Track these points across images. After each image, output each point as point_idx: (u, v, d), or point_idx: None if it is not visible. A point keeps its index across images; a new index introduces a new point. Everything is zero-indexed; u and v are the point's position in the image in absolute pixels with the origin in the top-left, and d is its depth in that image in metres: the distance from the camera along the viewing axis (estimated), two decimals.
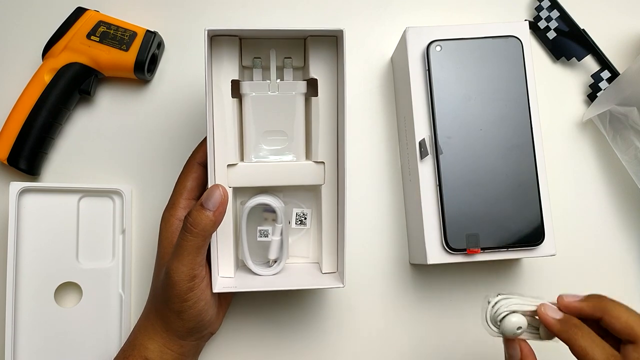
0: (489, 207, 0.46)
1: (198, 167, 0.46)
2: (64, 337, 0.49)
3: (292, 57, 0.45)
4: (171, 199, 0.46)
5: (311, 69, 0.44)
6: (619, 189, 0.54)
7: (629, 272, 0.53)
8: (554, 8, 0.54)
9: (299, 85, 0.45)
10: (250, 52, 0.45)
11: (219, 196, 0.41)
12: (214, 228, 0.41)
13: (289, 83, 0.45)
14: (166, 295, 0.42)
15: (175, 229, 0.45)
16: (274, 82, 0.44)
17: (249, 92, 0.44)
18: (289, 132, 0.45)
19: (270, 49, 0.44)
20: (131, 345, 0.44)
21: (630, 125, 0.50)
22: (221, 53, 0.43)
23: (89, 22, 0.51)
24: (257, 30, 0.43)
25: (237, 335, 0.51)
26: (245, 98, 0.45)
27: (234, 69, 0.44)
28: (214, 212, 0.40)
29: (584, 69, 0.55)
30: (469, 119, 0.47)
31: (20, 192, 0.48)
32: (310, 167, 0.45)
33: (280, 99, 0.45)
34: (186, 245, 0.40)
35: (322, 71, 0.44)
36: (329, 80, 0.44)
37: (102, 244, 0.51)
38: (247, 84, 0.44)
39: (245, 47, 0.44)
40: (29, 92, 0.50)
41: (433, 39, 0.47)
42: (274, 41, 0.45)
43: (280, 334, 0.52)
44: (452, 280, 0.52)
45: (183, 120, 0.53)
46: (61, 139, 0.53)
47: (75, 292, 0.50)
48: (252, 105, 0.44)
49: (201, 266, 0.42)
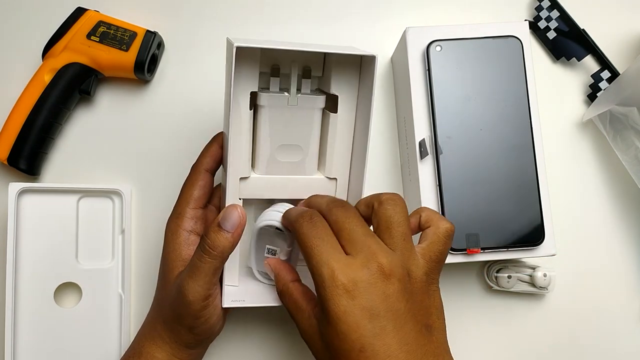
0: (489, 207, 0.46)
1: (205, 174, 0.44)
2: (63, 337, 0.49)
3: (312, 67, 0.43)
4: (177, 208, 0.44)
5: (332, 85, 0.42)
6: (619, 189, 0.54)
7: (629, 272, 0.53)
8: (554, 8, 0.54)
9: (318, 101, 0.43)
10: (269, 60, 0.42)
11: (237, 217, 0.39)
12: (232, 249, 0.39)
13: (308, 97, 0.43)
14: (177, 312, 0.41)
15: (183, 240, 0.43)
16: (293, 96, 0.42)
17: (267, 104, 0.42)
18: (304, 146, 0.44)
19: (289, 59, 0.42)
20: (137, 353, 0.43)
21: (630, 125, 0.50)
22: (241, 65, 0.41)
23: (89, 22, 0.51)
24: (283, 48, 0.40)
25: (238, 334, 0.51)
26: (262, 110, 0.42)
27: (254, 80, 0.41)
28: (233, 233, 0.39)
29: (584, 69, 0.55)
30: (469, 119, 0.47)
31: (19, 192, 0.48)
32: (322, 182, 0.45)
33: (298, 113, 0.43)
34: (204, 267, 0.39)
35: (344, 88, 0.43)
36: (350, 98, 0.43)
37: (102, 244, 0.51)
38: (265, 96, 0.42)
39: (264, 56, 0.42)
40: (29, 92, 0.50)
41: (433, 39, 0.47)
42: (295, 52, 0.42)
43: (279, 332, 0.52)
44: (452, 280, 0.52)
45: (183, 120, 0.53)
46: (61, 139, 0.53)
47: (75, 292, 0.50)
48: (268, 117, 0.42)
49: (216, 285, 0.41)
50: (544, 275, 0.50)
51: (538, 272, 0.50)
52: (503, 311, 0.52)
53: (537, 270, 0.50)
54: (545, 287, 0.50)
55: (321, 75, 0.44)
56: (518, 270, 0.51)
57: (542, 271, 0.50)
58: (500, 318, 0.52)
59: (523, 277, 0.51)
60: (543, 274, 0.50)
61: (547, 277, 0.50)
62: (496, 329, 0.52)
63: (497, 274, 0.51)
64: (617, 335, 0.53)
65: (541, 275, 0.50)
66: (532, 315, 0.52)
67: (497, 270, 0.51)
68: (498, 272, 0.51)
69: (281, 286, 0.40)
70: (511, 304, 0.52)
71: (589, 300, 0.53)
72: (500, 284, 0.51)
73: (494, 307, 0.52)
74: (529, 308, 0.53)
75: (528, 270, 0.51)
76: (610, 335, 0.53)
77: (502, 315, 0.52)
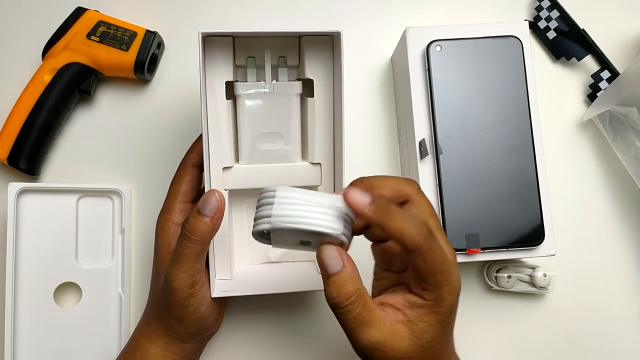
0: (489, 207, 0.46)
1: (192, 169, 0.45)
2: (63, 337, 0.49)
3: (287, 56, 0.44)
4: (166, 203, 0.46)
5: (307, 70, 0.43)
6: (619, 189, 0.54)
7: (629, 272, 0.53)
8: (554, 8, 0.54)
9: (295, 86, 0.44)
10: (244, 52, 0.43)
11: (215, 202, 0.39)
12: (213, 234, 0.40)
13: (284, 84, 0.44)
14: (167, 302, 0.41)
15: (172, 233, 0.44)
16: (269, 83, 0.44)
17: (244, 93, 0.43)
18: (284, 133, 0.45)
19: (264, 48, 0.43)
20: (132, 349, 0.44)
21: (630, 126, 0.50)
22: (214, 54, 0.42)
23: (89, 22, 0.51)
24: (252, 32, 0.42)
25: (237, 334, 0.51)
26: (239, 99, 0.44)
27: (228, 70, 0.43)
28: (212, 217, 0.39)
29: (584, 69, 0.55)
30: (469, 119, 0.47)
31: (19, 192, 0.48)
32: (306, 169, 0.45)
33: (276, 100, 0.44)
34: (185, 253, 0.40)
35: (318, 71, 0.43)
36: (325, 81, 0.43)
37: (102, 244, 0.51)
38: (241, 85, 0.43)
39: (239, 47, 0.43)
40: (29, 92, 0.50)
41: (433, 39, 0.47)
42: (268, 40, 0.43)
43: (279, 332, 0.51)
44: None
45: (183, 120, 0.53)
46: (61, 138, 0.53)
47: (75, 292, 0.50)
48: (246, 106, 0.44)
49: (201, 272, 0.41)
50: (543, 275, 0.50)
51: (538, 272, 0.50)
52: (503, 311, 0.52)
53: (537, 270, 0.50)
54: (545, 287, 0.50)
55: (297, 64, 0.44)
56: (518, 270, 0.51)
57: (542, 271, 0.50)
58: (500, 318, 0.52)
59: (523, 277, 0.51)
60: (543, 274, 0.50)
61: (547, 277, 0.50)
62: (496, 329, 0.52)
63: (497, 274, 0.51)
64: (617, 335, 0.53)
65: (541, 275, 0.50)
66: (532, 315, 0.52)
67: (497, 270, 0.51)
68: (498, 272, 0.51)
69: (354, 291, 0.33)
70: (511, 304, 0.52)
71: (588, 300, 0.53)
72: (500, 284, 0.51)
73: (494, 307, 0.52)
74: (529, 308, 0.52)
75: (528, 270, 0.51)
76: (610, 335, 0.53)
77: (502, 315, 0.52)
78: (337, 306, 0.33)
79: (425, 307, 0.34)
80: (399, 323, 0.34)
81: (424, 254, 0.32)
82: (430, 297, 0.33)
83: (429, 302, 0.33)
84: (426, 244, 0.32)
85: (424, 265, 0.32)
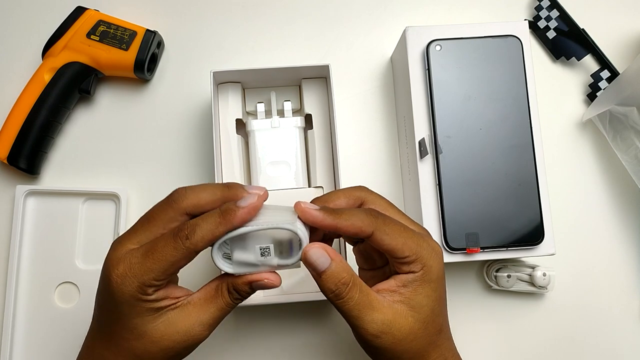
0: (489, 207, 0.46)
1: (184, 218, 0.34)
2: (62, 335, 0.49)
3: (291, 100, 0.51)
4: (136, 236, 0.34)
5: (306, 106, 0.51)
6: (619, 189, 0.54)
7: (628, 271, 0.53)
8: (554, 8, 0.54)
9: (297, 121, 0.50)
10: (253, 98, 0.52)
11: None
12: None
13: (288, 119, 0.50)
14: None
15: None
16: (275, 119, 0.50)
17: (255, 128, 0.50)
18: (291, 162, 0.50)
19: (269, 91, 0.51)
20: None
21: (630, 125, 0.50)
22: (227, 96, 0.50)
23: (89, 21, 0.51)
24: (256, 70, 0.48)
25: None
26: (251, 134, 0.50)
27: (238, 109, 0.50)
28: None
29: (583, 68, 0.55)
30: (469, 119, 0.47)
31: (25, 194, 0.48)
32: (309, 192, 0.49)
33: (282, 134, 0.50)
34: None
35: (315, 107, 0.51)
36: (322, 114, 0.51)
37: (102, 245, 0.50)
38: (253, 122, 0.50)
39: (249, 94, 0.52)
40: (29, 91, 0.50)
41: (433, 38, 0.47)
42: (273, 87, 0.51)
43: (278, 336, 0.52)
44: (451, 280, 0.52)
45: (183, 120, 0.53)
46: (61, 138, 0.53)
47: (75, 292, 0.50)
48: (257, 140, 0.50)
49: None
50: (543, 275, 0.50)
51: (537, 271, 0.50)
52: (502, 311, 0.52)
53: (536, 270, 0.50)
54: (545, 286, 0.50)
55: (299, 108, 0.52)
56: (517, 270, 0.51)
57: (542, 270, 0.50)
58: (500, 317, 0.52)
59: (522, 276, 0.51)
60: (542, 274, 0.50)
61: (547, 277, 0.50)
62: (495, 328, 0.52)
63: (496, 274, 0.51)
64: (616, 334, 0.53)
65: (541, 274, 0.50)
66: (531, 315, 0.52)
67: (497, 269, 0.51)
68: (497, 272, 0.51)
69: (350, 277, 0.34)
70: (511, 303, 0.52)
71: (588, 299, 0.53)
72: (499, 284, 0.51)
73: (494, 306, 0.52)
74: (529, 307, 0.52)
75: (527, 269, 0.51)
76: (610, 334, 0.53)
77: (501, 315, 0.52)
78: (339, 296, 0.34)
79: (417, 279, 0.35)
80: (398, 302, 0.35)
81: (382, 232, 0.34)
82: (417, 267, 0.35)
83: (418, 272, 0.35)
84: (378, 223, 0.34)
85: (389, 241, 0.34)
